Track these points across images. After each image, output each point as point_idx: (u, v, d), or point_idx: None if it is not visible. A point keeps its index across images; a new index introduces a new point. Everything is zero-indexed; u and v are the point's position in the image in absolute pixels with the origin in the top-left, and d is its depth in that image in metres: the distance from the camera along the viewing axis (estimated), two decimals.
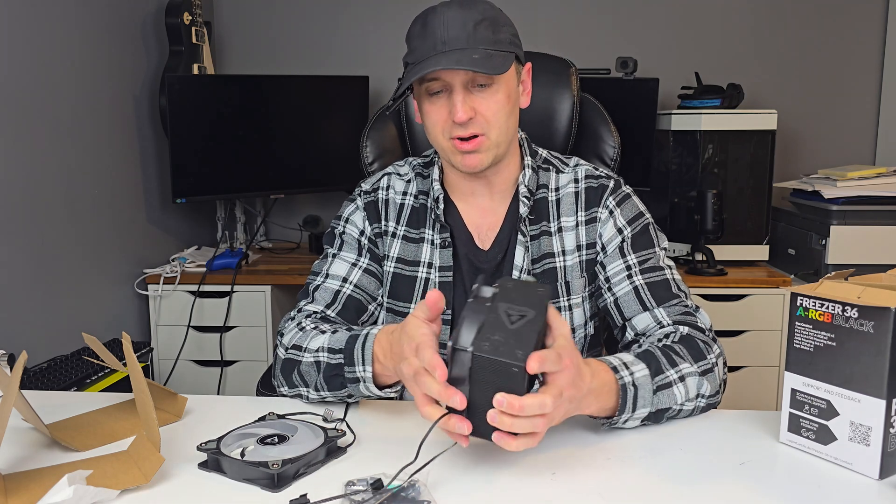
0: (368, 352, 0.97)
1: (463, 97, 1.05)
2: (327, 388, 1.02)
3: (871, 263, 2.29)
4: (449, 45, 1.03)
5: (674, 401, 0.97)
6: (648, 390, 0.94)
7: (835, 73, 2.85)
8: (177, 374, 2.47)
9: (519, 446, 0.79)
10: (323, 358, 1.02)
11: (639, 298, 1.11)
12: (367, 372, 0.97)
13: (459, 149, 1.09)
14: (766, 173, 2.49)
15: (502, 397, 0.76)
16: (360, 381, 0.98)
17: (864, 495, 0.80)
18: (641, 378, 0.95)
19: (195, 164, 2.48)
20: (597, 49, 2.84)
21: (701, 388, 0.99)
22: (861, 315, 0.82)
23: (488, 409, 0.77)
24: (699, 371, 0.99)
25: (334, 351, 1.01)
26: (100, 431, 0.98)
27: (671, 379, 0.97)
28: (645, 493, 0.81)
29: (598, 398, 0.90)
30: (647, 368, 0.96)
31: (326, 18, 2.93)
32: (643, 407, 0.94)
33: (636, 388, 0.94)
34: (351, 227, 1.22)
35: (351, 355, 0.98)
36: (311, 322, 1.11)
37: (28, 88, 1.93)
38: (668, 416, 0.98)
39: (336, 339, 1.02)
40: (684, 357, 1.00)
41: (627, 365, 0.95)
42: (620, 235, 1.16)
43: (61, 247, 2.06)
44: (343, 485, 0.81)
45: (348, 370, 0.99)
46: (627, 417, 0.94)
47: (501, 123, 1.09)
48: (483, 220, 1.20)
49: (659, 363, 0.97)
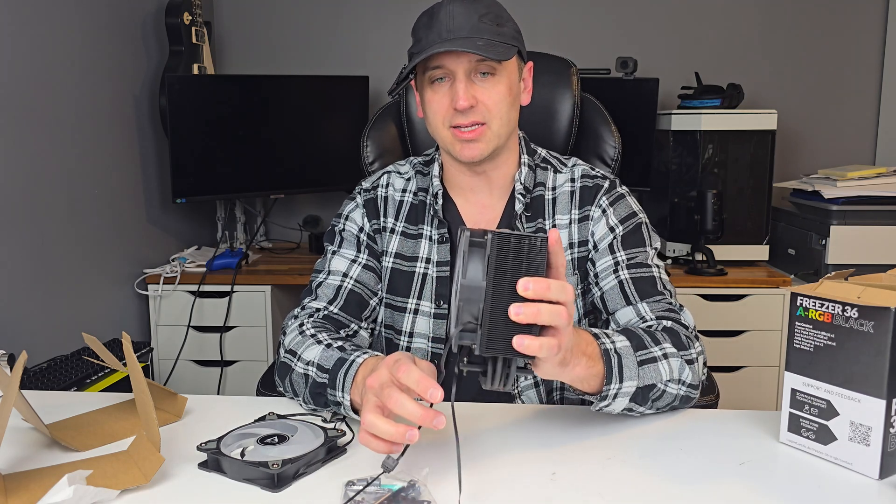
0: (350, 380, 0.96)
1: (465, 84, 1.06)
2: (313, 403, 1.02)
3: (871, 263, 2.29)
4: (454, 33, 1.05)
5: (659, 377, 0.95)
6: (633, 361, 0.93)
7: (835, 73, 2.85)
8: (177, 374, 2.47)
9: (541, 348, 0.74)
10: (312, 373, 1.02)
11: (623, 293, 1.12)
12: (346, 399, 0.96)
13: (460, 137, 1.09)
14: (766, 173, 2.49)
15: (527, 280, 0.72)
16: (340, 405, 0.98)
17: (864, 495, 0.80)
18: (623, 348, 0.94)
19: (195, 164, 2.48)
20: (597, 49, 2.84)
21: (683, 372, 0.98)
22: (861, 315, 0.82)
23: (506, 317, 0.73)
24: (681, 356, 0.99)
25: (322, 369, 1.01)
26: (100, 431, 0.98)
27: (655, 354, 0.96)
28: (645, 493, 0.81)
29: (585, 354, 0.87)
30: (629, 341, 0.95)
31: (326, 18, 2.93)
32: (630, 379, 0.93)
33: (619, 356, 0.92)
34: (350, 224, 1.23)
35: (335, 379, 0.98)
36: (311, 323, 1.11)
37: (28, 88, 1.93)
38: (653, 398, 0.96)
39: (326, 358, 1.02)
40: (666, 340, 0.99)
41: (607, 334, 0.95)
42: (612, 234, 1.16)
43: (61, 247, 2.06)
44: (343, 485, 0.81)
45: (331, 392, 0.98)
46: (617, 389, 0.92)
47: (503, 114, 1.10)
48: (481, 217, 1.20)
49: (641, 339, 0.97)
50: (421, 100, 1.14)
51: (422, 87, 1.12)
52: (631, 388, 0.94)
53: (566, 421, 0.99)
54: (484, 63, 1.07)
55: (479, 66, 1.07)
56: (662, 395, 0.97)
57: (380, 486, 0.80)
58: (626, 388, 0.93)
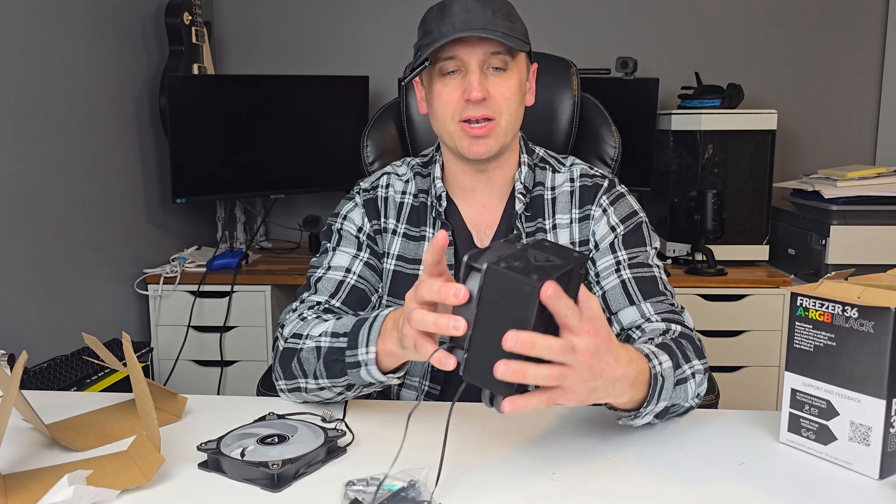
0: (375, 332, 0.93)
1: (479, 76, 1.07)
2: (326, 375, 0.99)
3: (871, 263, 2.29)
4: (469, 24, 1.05)
5: (685, 397, 0.96)
6: (671, 382, 0.93)
7: (835, 73, 2.84)
8: (177, 374, 2.47)
9: (528, 406, 0.72)
10: (325, 342, 1.00)
11: (626, 292, 1.11)
12: (370, 354, 0.93)
13: (469, 133, 1.09)
14: (766, 173, 2.49)
15: (514, 334, 0.69)
16: (360, 366, 0.94)
17: (864, 495, 0.80)
18: (667, 370, 0.93)
19: (195, 164, 2.48)
20: (597, 49, 2.84)
21: (700, 387, 0.99)
22: (861, 315, 0.82)
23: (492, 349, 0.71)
24: (703, 369, 1.00)
25: (338, 335, 0.98)
26: (100, 431, 0.98)
27: (686, 374, 0.96)
28: (645, 493, 0.81)
29: (633, 386, 0.86)
30: (671, 360, 0.94)
31: (327, 18, 2.93)
32: (664, 400, 0.92)
33: (663, 379, 0.92)
34: (348, 223, 1.21)
35: (356, 337, 0.95)
36: (313, 313, 1.10)
37: (28, 88, 1.93)
38: (669, 414, 0.97)
39: (341, 324, 1.00)
40: (693, 354, 0.99)
41: (657, 355, 0.93)
42: (613, 233, 1.16)
43: (61, 247, 2.06)
44: (343, 485, 0.81)
45: (350, 354, 0.95)
46: (649, 411, 0.91)
47: (513, 110, 1.10)
48: (482, 218, 1.20)
49: (678, 357, 0.96)
50: (427, 94, 1.13)
51: (430, 80, 1.11)
52: (661, 408, 0.93)
53: (566, 421, 0.99)
54: (497, 57, 1.07)
55: (492, 59, 1.07)
56: (678, 410, 0.98)
57: (380, 487, 0.80)
58: (658, 408, 0.92)
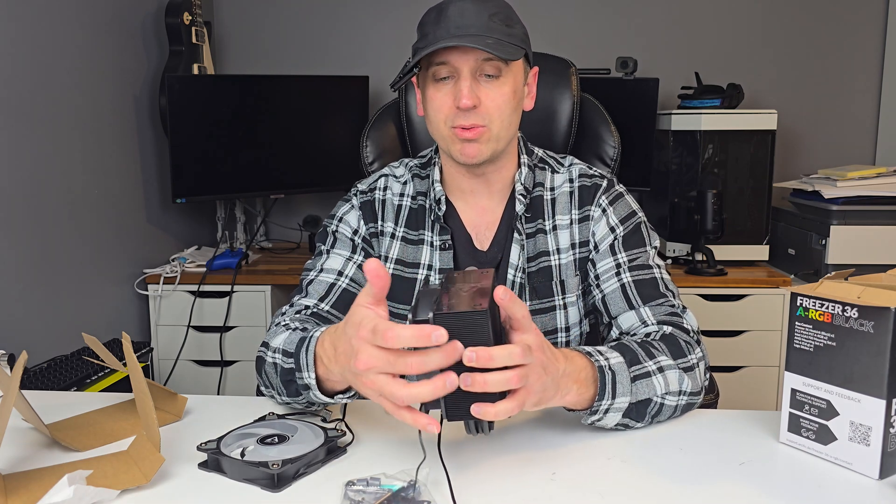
0: (311, 356, 0.91)
1: (470, 84, 1.05)
2: (286, 394, 0.98)
3: (871, 263, 2.29)
4: (463, 30, 1.04)
5: (654, 392, 0.95)
6: (626, 377, 0.93)
7: (835, 73, 2.85)
8: (177, 374, 2.47)
9: (499, 413, 0.76)
10: (279, 360, 0.98)
11: (625, 296, 1.11)
12: (311, 378, 0.91)
13: (460, 136, 1.08)
14: (766, 173, 2.49)
15: (471, 351, 0.72)
16: (309, 389, 0.93)
17: (864, 495, 0.80)
18: (617, 364, 0.93)
19: (195, 164, 2.48)
20: (597, 49, 2.84)
21: (682, 383, 0.98)
22: (861, 315, 0.82)
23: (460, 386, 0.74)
24: (678, 366, 0.98)
25: (287, 354, 0.96)
26: (100, 431, 0.98)
27: (649, 369, 0.95)
28: (645, 493, 0.81)
29: (577, 382, 0.88)
30: (622, 356, 0.95)
31: (326, 18, 2.93)
32: (623, 395, 0.92)
33: (613, 372, 0.92)
34: (344, 226, 1.21)
35: (299, 360, 0.93)
36: (297, 318, 1.08)
37: (28, 88, 1.93)
38: (651, 413, 0.96)
39: (290, 341, 0.97)
40: (662, 351, 0.99)
41: (601, 351, 0.94)
42: (613, 234, 1.16)
43: (61, 247, 2.06)
44: (343, 485, 0.81)
45: (298, 376, 0.93)
46: (608, 405, 0.92)
47: (505, 117, 1.08)
48: (481, 220, 1.20)
49: (635, 353, 0.96)
50: (423, 97, 1.13)
51: (424, 83, 1.11)
52: (623, 404, 0.93)
53: (566, 421, 0.99)
54: (490, 63, 1.05)
55: (485, 66, 1.06)
56: (661, 408, 0.97)
57: (380, 487, 0.80)
58: (619, 404, 0.92)
